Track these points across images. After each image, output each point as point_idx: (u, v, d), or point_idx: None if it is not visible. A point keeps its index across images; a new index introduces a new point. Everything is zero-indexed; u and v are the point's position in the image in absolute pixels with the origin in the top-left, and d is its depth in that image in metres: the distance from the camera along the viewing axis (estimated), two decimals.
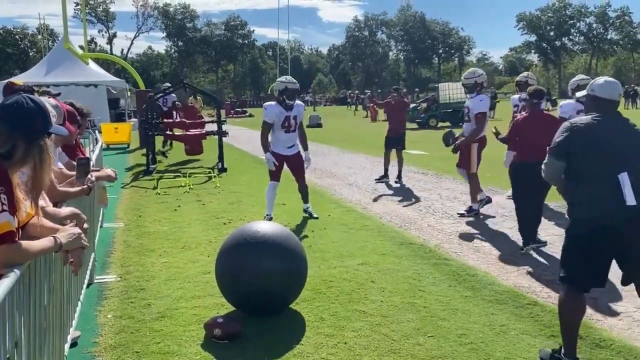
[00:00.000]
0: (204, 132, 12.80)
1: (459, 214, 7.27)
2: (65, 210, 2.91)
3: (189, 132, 12.62)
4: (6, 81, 8.24)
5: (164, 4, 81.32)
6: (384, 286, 4.55)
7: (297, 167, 7.11)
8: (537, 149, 5.30)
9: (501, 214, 7.33)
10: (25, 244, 2.07)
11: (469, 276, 4.80)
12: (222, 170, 11.56)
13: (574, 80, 7.06)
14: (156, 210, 7.78)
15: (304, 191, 7.21)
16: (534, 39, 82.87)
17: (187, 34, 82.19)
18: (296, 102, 6.94)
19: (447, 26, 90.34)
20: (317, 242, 5.91)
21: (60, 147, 3.91)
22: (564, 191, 3.37)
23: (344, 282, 4.65)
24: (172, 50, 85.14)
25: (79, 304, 3.83)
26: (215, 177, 10.64)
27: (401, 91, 11.08)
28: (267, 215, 6.88)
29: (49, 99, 3.37)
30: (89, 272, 4.46)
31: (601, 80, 3.31)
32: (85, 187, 3.65)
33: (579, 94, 4.02)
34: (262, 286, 3.76)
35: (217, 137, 12.04)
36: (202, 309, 4.09)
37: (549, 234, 6.01)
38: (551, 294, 4.35)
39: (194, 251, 5.66)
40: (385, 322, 3.84)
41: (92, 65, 28.18)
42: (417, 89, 52.22)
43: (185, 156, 13.77)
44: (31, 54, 70.58)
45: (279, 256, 3.85)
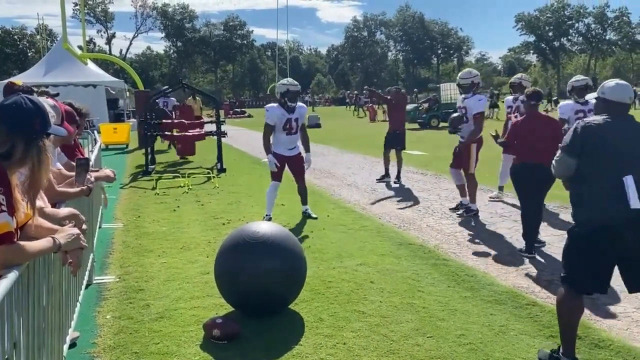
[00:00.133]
0: (203, 132, 12.78)
1: (458, 214, 7.28)
2: (64, 210, 2.91)
3: (187, 133, 12.59)
4: (6, 81, 8.23)
5: (163, 4, 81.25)
6: (383, 287, 4.55)
7: (298, 168, 7.11)
8: (535, 150, 5.30)
9: (500, 214, 7.34)
10: (24, 244, 2.07)
11: (468, 276, 4.81)
12: (221, 170, 11.56)
13: (570, 81, 7.09)
14: (155, 210, 7.78)
15: (304, 193, 7.21)
16: (532, 39, 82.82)
17: (186, 34, 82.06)
18: (298, 104, 6.94)
19: (446, 26, 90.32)
20: (316, 243, 5.91)
21: (59, 148, 3.92)
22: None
23: (343, 282, 4.65)
24: (171, 50, 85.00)
25: (78, 304, 3.83)
26: (214, 177, 10.63)
27: (400, 91, 11.13)
28: (267, 215, 6.88)
29: (47, 99, 3.36)
30: (87, 272, 4.46)
31: (612, 83, 3.28)
32: (85, 187, 3.65)
33: (589, 96, 3.99)
34: (261, 287, 3.76)
35: (216, 137, 12.04)
36: (201, 309, 4.09)
37: (547, 234, 6.02)
38: (550, 295, 4.35)
39: (193, 252, 5.65)
40: (384, 322, 3.84)
41: (91, 65, 28.18)
42: (415, 89, 52.10)
43: (185, 156, 13.77)
44: (30, 54, 70.45)
45: (278, 257, 3.85)
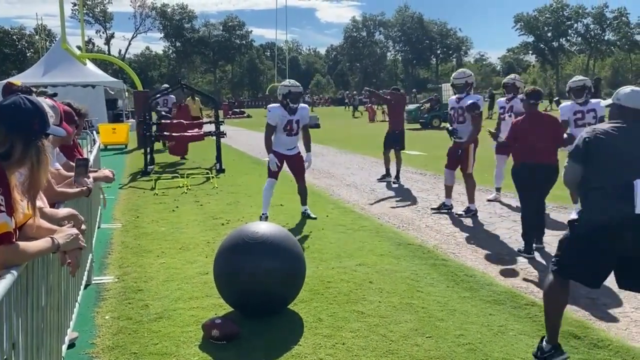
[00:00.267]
0: (202, 132, 12.77)
1: (457, 214, 7.28)
2: (62, 211, 2.91)
3: (185, 134, 12.58)
4: (5, 81, 8.21)
5: (162, 5, 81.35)
6: (382, 287, 4.55)
7: (297, 167, 7.11)
8: (535, 150, 5.27)
9: (499, 214, 7.35)
10: (22, 244, 2.06)
11: (467, 277, 4.81)
12: (220, 171, 11.56)
13: (569, 82, 7.09)
14: (154, 211, 7.77)
15: (303, 193, 7.21)
16: (531, 39, 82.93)
17: (184, 34, 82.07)
18: (300, 106, 6.94)
19: (445, 27, 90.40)
20: (315, 243, 5.91)
21: (57, 148, 3.91)
22: (576, 197, 3.37)
23: (342, 282, 4.65)
24: (170, 50, 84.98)
25: (77, 305, 3.83)
26: (213, 177, 10.62)
27: (399, 91, 11.15)
28: (263, 214, 6.87)
29: (46, 99, 3.36)
30: (86, 273, 4.45)
31: (627, 89, 3.30)
32: (84, 188, 3.65)
33: (603, 102, 4.00)
34: (260, 287, 3.76)
35: (215, 137, 12.04)
36: (200, 309, 4.09)
37: (547, 235, 6.01)
38: None
39: (192, 252, 5.65)
40: (383, 322, 3.84)
41: (90, 65, 28.14)
42: (414, 90, 52.12)
43: (184, 157, 13.76)
44: (29, 55, 70.35)
45: (277, 257, 3.85)
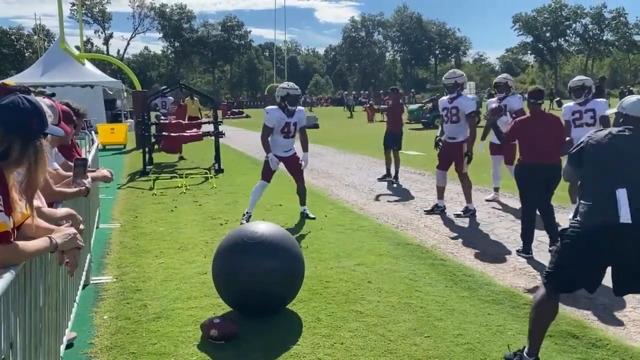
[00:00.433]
0: (201, 132, 12.76)
1: (455, 214, 7.28)
2: (61, 210, 2.90)
3: (184, 134, 12.55)
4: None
5: (161, 5, 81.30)
6: (380, 286, 4.55)
7: (295, 167, 7.12)
8: (536, 150, 5.25)
9: (497, 214, 7.36)
10: (20, 244, 2.06)
11: (465, 276, 4.81)
12: (219, 171, 11.56)
13: (570, 82, 7.08)
14: (152, 211, 7.77)
15: (302, 193, 7.21)
16: (530, 39, 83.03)
17: (183, 34, 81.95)
18: (297, 108, 6.95)
19: (444, 27, 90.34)
20: (313, 243, 5.91)
21: (56, 148, 3.91)
22: (575, 197, 3.39)
23: (340, 282, 4.65)
24: (169, 50, 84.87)
25: (75, 305, 3.82)
26: (211, 177, 10.63)
27: (398, 91, 11.16)
28: (247, 213, 6.82)
29: (44, 99, 3.36)
30: (84, 273, 4.45)
31: (633, 98, 3.32)
32: (83, 188, 3.65)
33: (609, 111, 4.04)
34: (259, 287, 3.76)
35: (213, 137, 12.03)
36: (198, 309, 4.09)
37: (545, 235, 6.01)
38: None
39: (191, 252, 5.65)
40: (381, 322, 3.84)
41: (89, 65, 28.11)
42: (413, 90, 52.15)
43: (184, 157, 13.74)
44: (27, 55, 70.23)
45: (276, 257, 3.85)
